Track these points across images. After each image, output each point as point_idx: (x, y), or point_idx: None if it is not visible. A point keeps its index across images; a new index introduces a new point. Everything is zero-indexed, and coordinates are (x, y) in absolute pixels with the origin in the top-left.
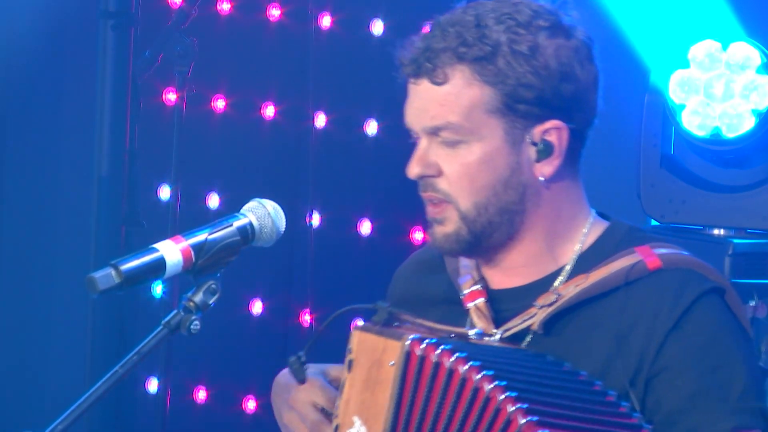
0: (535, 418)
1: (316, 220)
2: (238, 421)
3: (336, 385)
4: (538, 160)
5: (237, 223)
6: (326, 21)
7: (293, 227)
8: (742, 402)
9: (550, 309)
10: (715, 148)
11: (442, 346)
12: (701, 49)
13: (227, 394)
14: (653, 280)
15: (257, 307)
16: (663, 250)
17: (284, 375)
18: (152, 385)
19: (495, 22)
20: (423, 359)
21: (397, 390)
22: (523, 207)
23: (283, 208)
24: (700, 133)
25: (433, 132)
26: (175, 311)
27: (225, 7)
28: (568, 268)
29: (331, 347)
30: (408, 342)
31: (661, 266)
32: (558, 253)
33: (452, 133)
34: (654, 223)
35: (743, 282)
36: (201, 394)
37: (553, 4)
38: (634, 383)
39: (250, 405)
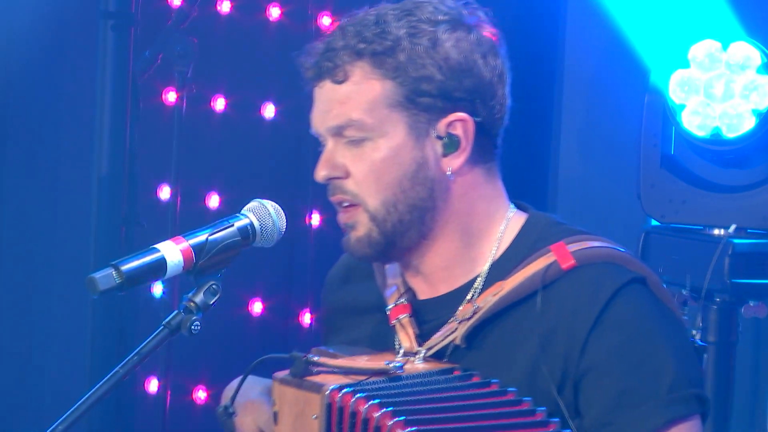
0: None
1: (316, 220)
2: None
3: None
4: (444, 155)
5: (238, 224)
6: (326, 21)
7: (293, 227)
8: (674, 392)
9: (470, 322)
10: (715, 148)
11: (358, 394)
12: (701, 49)
13: None
14: (569, 279)
15: (257, 307)
16: (578, 246)
17: (231, 389)
18: (152, 385)
19: (395, 18)
20: (342, 409)
21: None
22: (433, 203)
23: (282, 208)
24: (700, 133)
25: (338, 132)
26: (175, 312)
27: (225, 7)
28: (486, 270)
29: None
30: (327, 393)
31: (575, 264)
32: (476, 253)
33: (356, 130)
34: (654, 223)
35: (743, 282)
36: (201, 394)
37: (457, 2)
38: (562, 388)
39: None
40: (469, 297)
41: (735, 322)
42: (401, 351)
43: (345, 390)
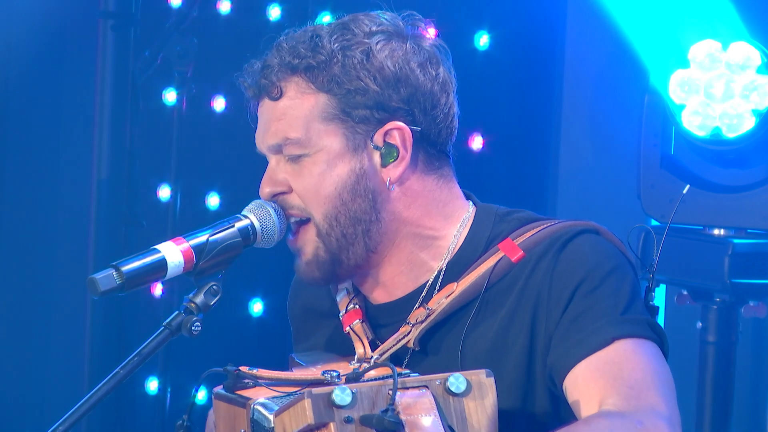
0: None
1: None
2: None
3: None
4: (384, 165)
5: (238, 224)
6: (326, 21)
7: None
8: (628, 314)
9: (423, 325)
10: (715, 148)
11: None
12: (701, 49)
13: None
14: (521, 268)
15: (257, 308)
16: (524, 236)
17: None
18: (152, 385)
19: (329, 34)
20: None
21: None
22: (377, 216)
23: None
24: (701, 133)
25: (277, 150)
26: (176, 312)
27: (224, 7)
28: (441, 273)
29: None
30: (252, 407)
31: (524, 255)
32: (432, 255)
33: (294, 147)
34: (654, 223)
35: (743, 282)
36: (201, 395)
37: (397, 15)
38: (532, 363)
39: None
40: (424, 296)
41: (735, 322)
42: (355, 357)
43: (264, 404)
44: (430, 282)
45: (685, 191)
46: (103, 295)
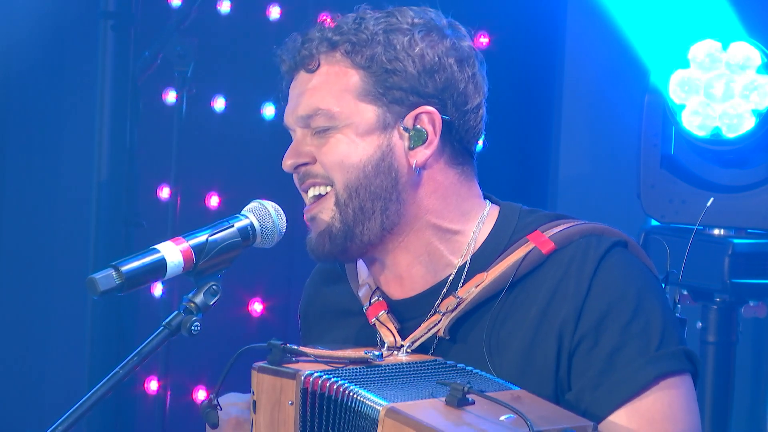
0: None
1: None
2: None
3: None
4: (411, 147)
5: (238, 224)
6: (326, 20)
7: (293, 227)
8: (663, 348)
9: (454, 314)
10: (715, 148)
11: (332, 378)
12: (701, 49)
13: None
14: (553, 262)
15: (257, 308)
16: (554, 230)
17: (224, 399)
18: (152, 385)
19: (373, 17)
20: (316, 393)
21: (300, 428)
22: (398, 196)
23: (282, 209)
24: (701, 133)
25: (306, 122)
26: (175, 312)
27: (225, 7)
28: (464, 267)
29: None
30: (302, 378)
31: (555, 247)
32: (450, 251)
33: (323, 119)
34: (654, 223)
35: (743, 282)
36: (201, 394)
37: (441, 16)
38: (557, 367)
39: None
40: (446, 291)
41: (735, 322)
42: (385, 346)
43: (320, 375)
44: (452, 277)
45: (709, 204)
46: (103, 295)
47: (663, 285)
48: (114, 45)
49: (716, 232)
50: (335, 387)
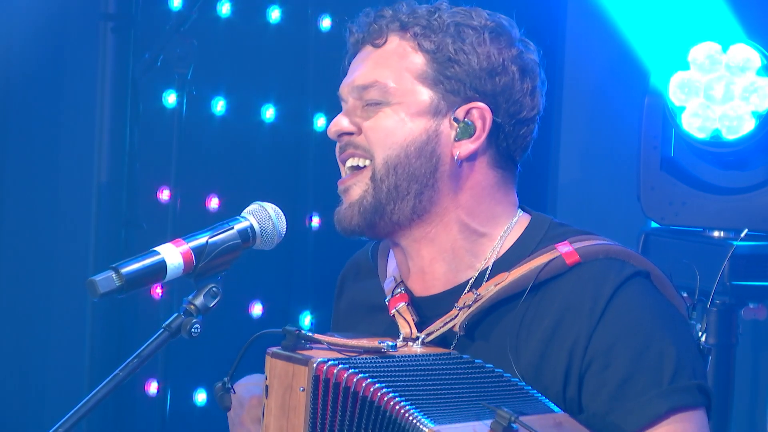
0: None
1: (315, 222)
2: None
3: None
4: (457, 139)
5: (238, 226)
6: (326, 23)
7: (293, 229)
8: (676, 382)
9: (471, 310)
10: (715, 150)
11: (343, 366)
12: (701, 51)
13: None
14: (573, 275)
15: (257, 310)
16: (582, 243)
17: (240, 386)
18: (152, 388)
19: (448, 10)
20: (328, 381)
21: (310, 415)
22: (434, 183)
23: (282, 211)
24: (700, 135)
25: (360, 94)
26: (175, 314)
27: (225, 9)
28: (485, 272)
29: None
30: (314, 365)
31: (579, 260)
32: (476, 252)
33: (378, 92)
34: (654, 225)
35: (743, 284)
36: (201, 397)
37: (514, 26)
38: (566, 383)
39: None
40: (468, 289)
41: (735, 324)
42: (400, 337)
43: (332, 363)
44: (473, 280)
45: (743, 235)
46: (103, 297)
47: (689, 311)
48: (114, 47)
49: (716, 234)
50: (346, 376)
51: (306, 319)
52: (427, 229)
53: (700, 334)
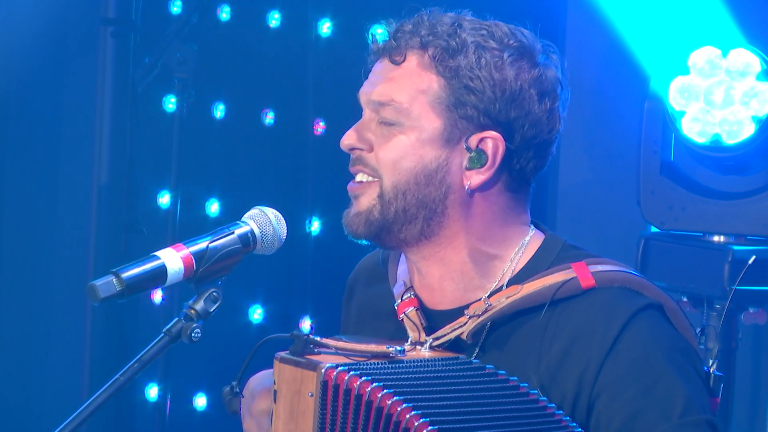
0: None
1: (316, 227)
2: (238, 429)
3: None
4: (468, 168)
5: (238, 231)
6: (326, 28)
7: (293, 234)
8: (686, 416)
9: (480, 319)
10: (715, 155)
11: (354, 373)
12: (701, 56)
13: None
14: (586, 300)
15: (257, 314)
16: (598, 267)
17: (255, 379)
18: (152, 392)
19: (470, 26)
20: (338, 387)
21: (319, 420)
22: (444, 209)
23: (283, 216)
24: (700, 140)
25: (377, 109)
26: (176, 319)
27: (225, 14)
28: (498, 288)
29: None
30: (323, 371)
31: (594, 285)
32: (485, 274)
33: (393, 112)
34: (654, 230)
35: (743, 289)
36: (201, 401)
37: (536, 38)
38: (574, 409)
39: None
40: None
41: (735, 328)
42: (409, 340)
43: (341, 368)
44: (481, 299)
45: (751, 261)
46: (103, 301)
47: (698, 337)
48: (114, 51)
49: (716, 239)
50: (356, 382)
51: (306, 324)
52: (436, 249)
53: (710, 362)
